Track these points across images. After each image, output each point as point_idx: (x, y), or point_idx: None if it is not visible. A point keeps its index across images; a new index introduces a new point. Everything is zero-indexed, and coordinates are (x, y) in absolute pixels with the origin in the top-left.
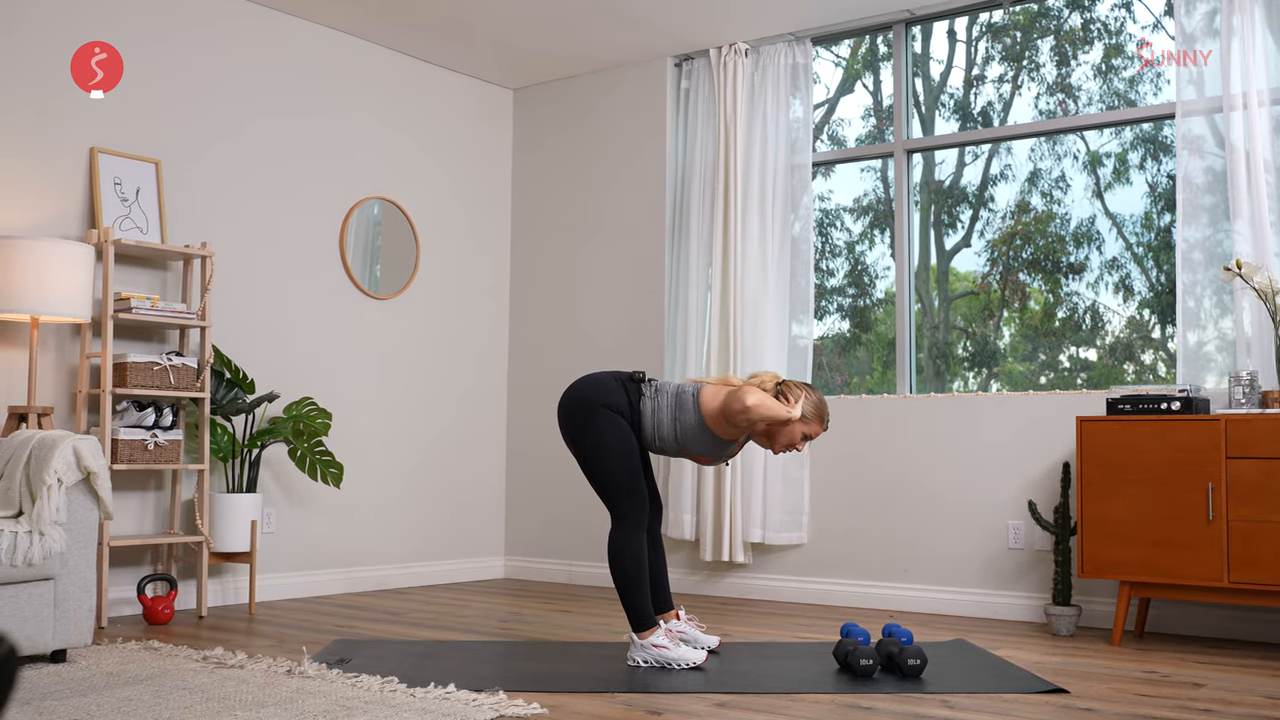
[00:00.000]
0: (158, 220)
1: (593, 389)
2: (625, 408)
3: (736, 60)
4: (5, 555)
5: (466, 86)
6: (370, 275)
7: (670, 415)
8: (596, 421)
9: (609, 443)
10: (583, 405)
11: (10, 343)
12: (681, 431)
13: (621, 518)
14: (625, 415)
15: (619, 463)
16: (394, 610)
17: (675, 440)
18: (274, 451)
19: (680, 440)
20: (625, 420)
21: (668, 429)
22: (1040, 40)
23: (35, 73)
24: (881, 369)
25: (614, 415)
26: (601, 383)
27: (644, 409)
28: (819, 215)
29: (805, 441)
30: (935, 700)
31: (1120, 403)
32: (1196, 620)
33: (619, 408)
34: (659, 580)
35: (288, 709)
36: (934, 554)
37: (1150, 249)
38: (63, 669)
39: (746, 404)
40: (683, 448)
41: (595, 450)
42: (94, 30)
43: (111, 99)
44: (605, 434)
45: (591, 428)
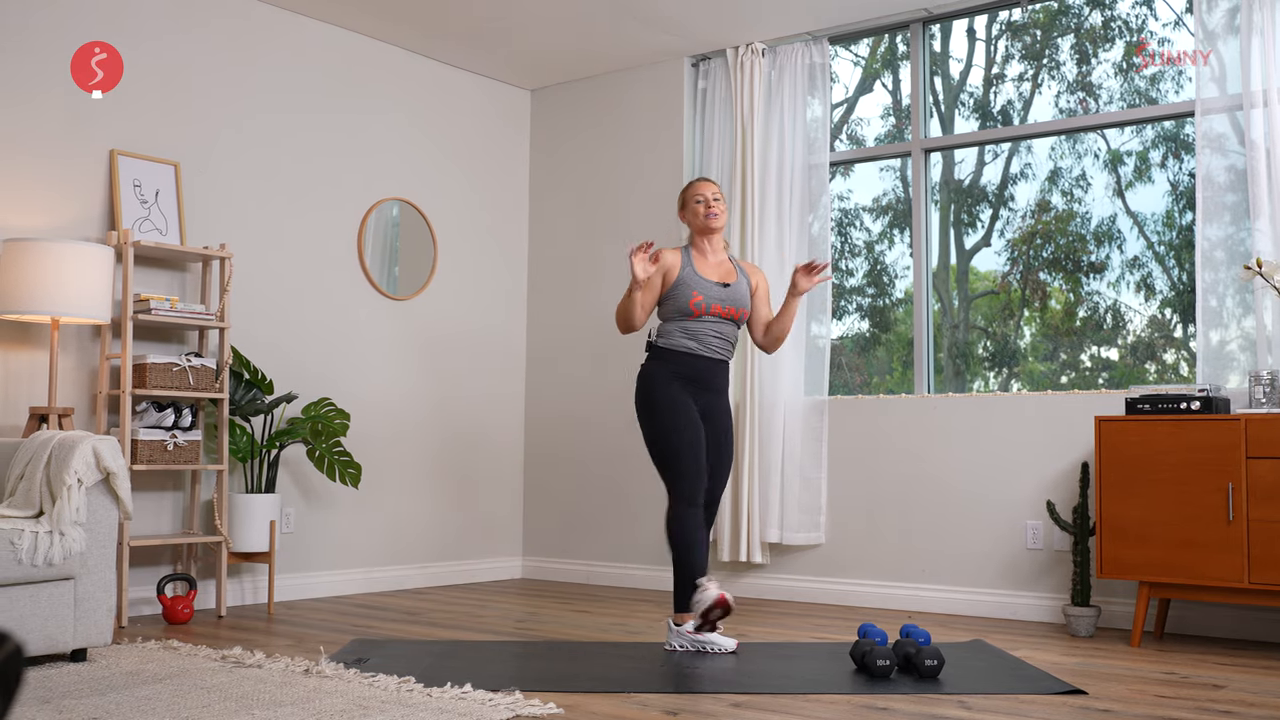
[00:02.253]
0: (177, 222)
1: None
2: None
3: (754, 60)
4: (26, 555)
5: (484, 88)
6: (388, 276)
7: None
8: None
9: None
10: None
11: (31, 344)
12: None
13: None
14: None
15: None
16: (412, 610)
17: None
18: (292, 452)
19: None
20: (668, 393)
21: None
22: (1060, 38)
23: (56, 76)
24: (901, 369)
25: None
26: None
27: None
28: (838, 215)
29: (704, 205)
30: (952, 701)
31: (1139, 402)
32: (1217, 621)
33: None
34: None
35: (305, 708)
36: (952, 554)
37: (1172, 248)
38: (83, 668)
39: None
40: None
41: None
42: (114, 33)
43: (131, 101)
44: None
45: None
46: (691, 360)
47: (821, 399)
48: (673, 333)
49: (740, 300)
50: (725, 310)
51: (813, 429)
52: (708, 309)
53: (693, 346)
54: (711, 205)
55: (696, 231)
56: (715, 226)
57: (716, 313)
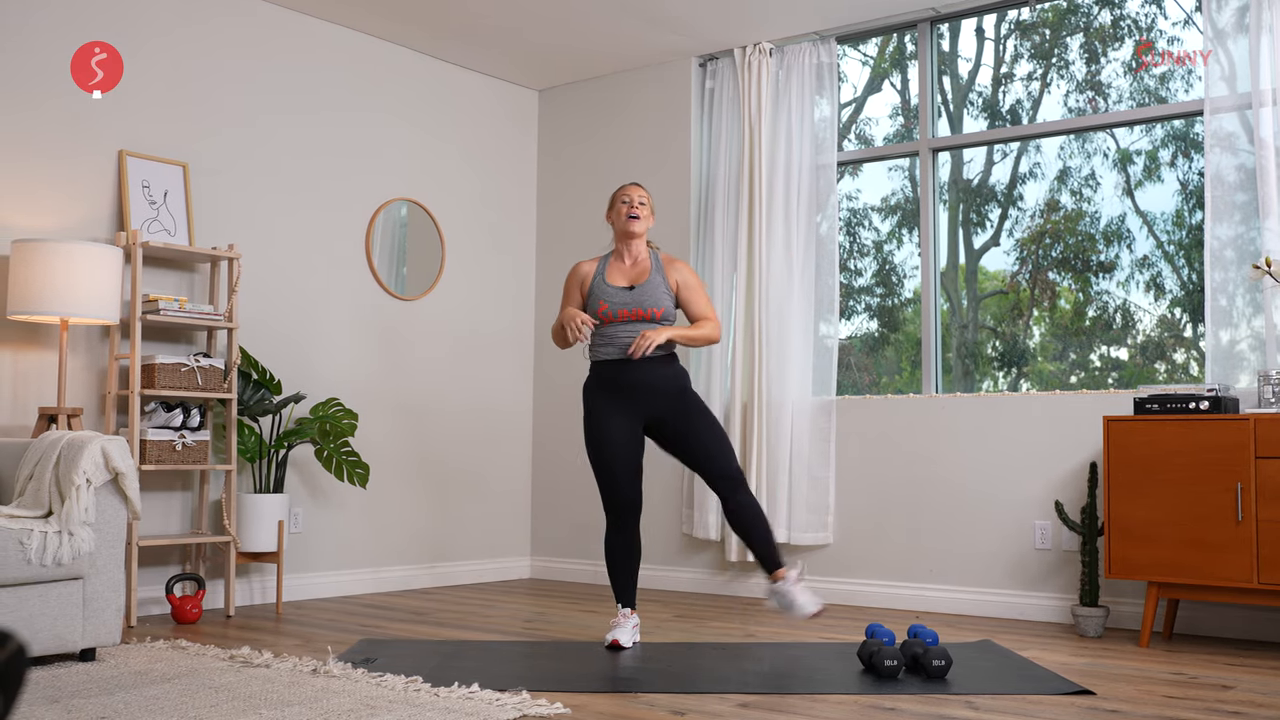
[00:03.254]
0: (185, 222)
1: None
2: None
3: (761, 60)
4: (35, 555)
5: (492, 88)
6: (396, 276)
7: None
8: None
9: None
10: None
11: (40, 344)
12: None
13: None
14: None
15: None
16: (419, 610)
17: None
18: (301, 452)
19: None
20: (593, 404)
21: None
22: (1069, 37)
23: (65, 77)
24: (910, 369)
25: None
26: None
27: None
28: (847, 215)
29: (628, 207)
30: (960, 701)
31: (1148, 402)
32: (1226, 622)
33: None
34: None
35: (312, 708)
36: (960, 554)
37: (1181, 247)
38: (91, 667)
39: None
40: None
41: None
42: (121, 34)
43: (140, 102)
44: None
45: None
46: (612, 366)
47: (829, 399)
48: (595, 342)
49: (649, 300)
50: (633, 313)
51: (820, 429)
52: (614, 314)
53: (610, 352)
54: (635, 208)
55: (617, 234)
56: (634, 231)
57: (625, 317)
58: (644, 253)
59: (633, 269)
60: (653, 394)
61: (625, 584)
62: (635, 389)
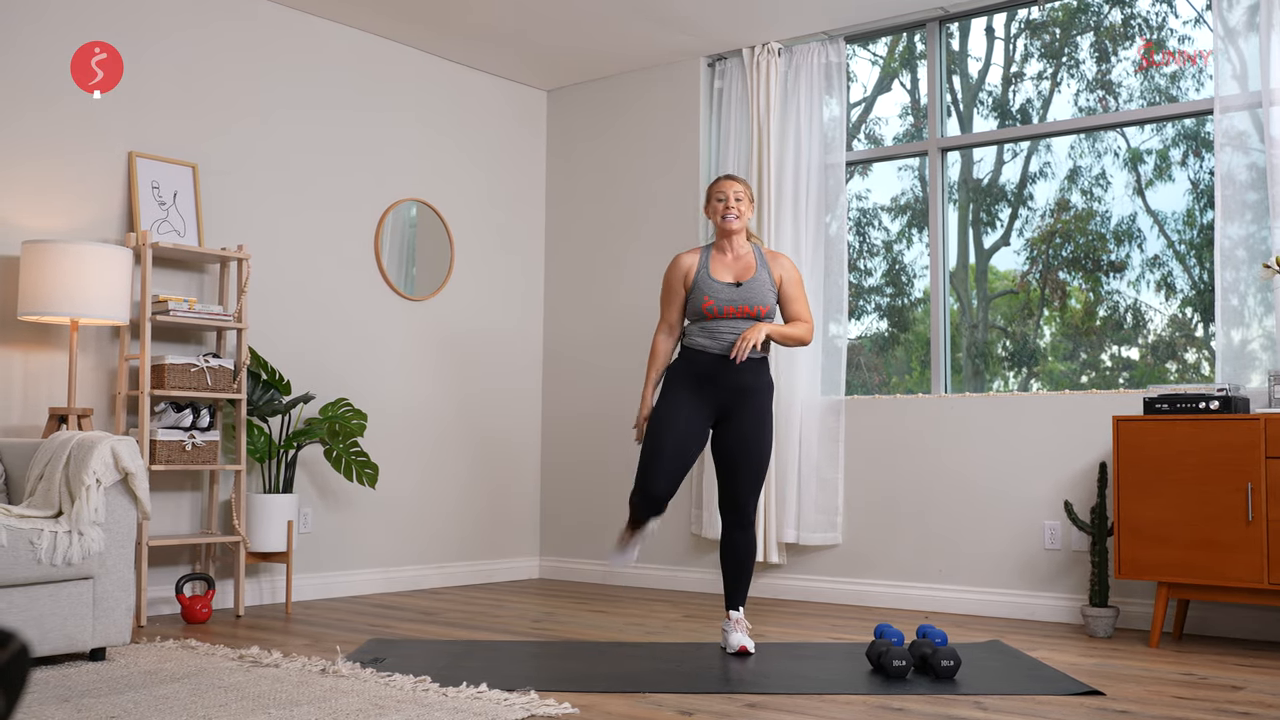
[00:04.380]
0: (195, 223)
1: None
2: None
3: (770, 60)
4: (45, 555)
5: (501, 88)
6: (405, 276)
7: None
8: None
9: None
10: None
11: (51, 345)
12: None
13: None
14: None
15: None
16: (429, 610)
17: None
18: (310, 452)
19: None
20: (671, 387)
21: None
22: (1080, 36)
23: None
24: (920, 369)
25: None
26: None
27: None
28: (856, 214)
29: (724, 205)
30: (968, 702)
31: (1158, 402)
32: (1236, 622)
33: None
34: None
35: (321, 707)
36: (969, 555)
37: (1192, 246)
38: (101, 667)
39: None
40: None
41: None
42: (131, 35)
43: (150, 104)
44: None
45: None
46: (706, 357)
47: (838, 399)
48: (692, 332)
49: (755, 298)
50: (739, 310)
51: (829, 429)
52: (720, 311)
53: (707, 344)
54: (731, 206)
55: (718, 231)
56: (732, 229)
57: (730, 313)
58: (746, 247)
59: (736, 263)
60: (740, 395)
61: (640, 523)
62: (727, 384)
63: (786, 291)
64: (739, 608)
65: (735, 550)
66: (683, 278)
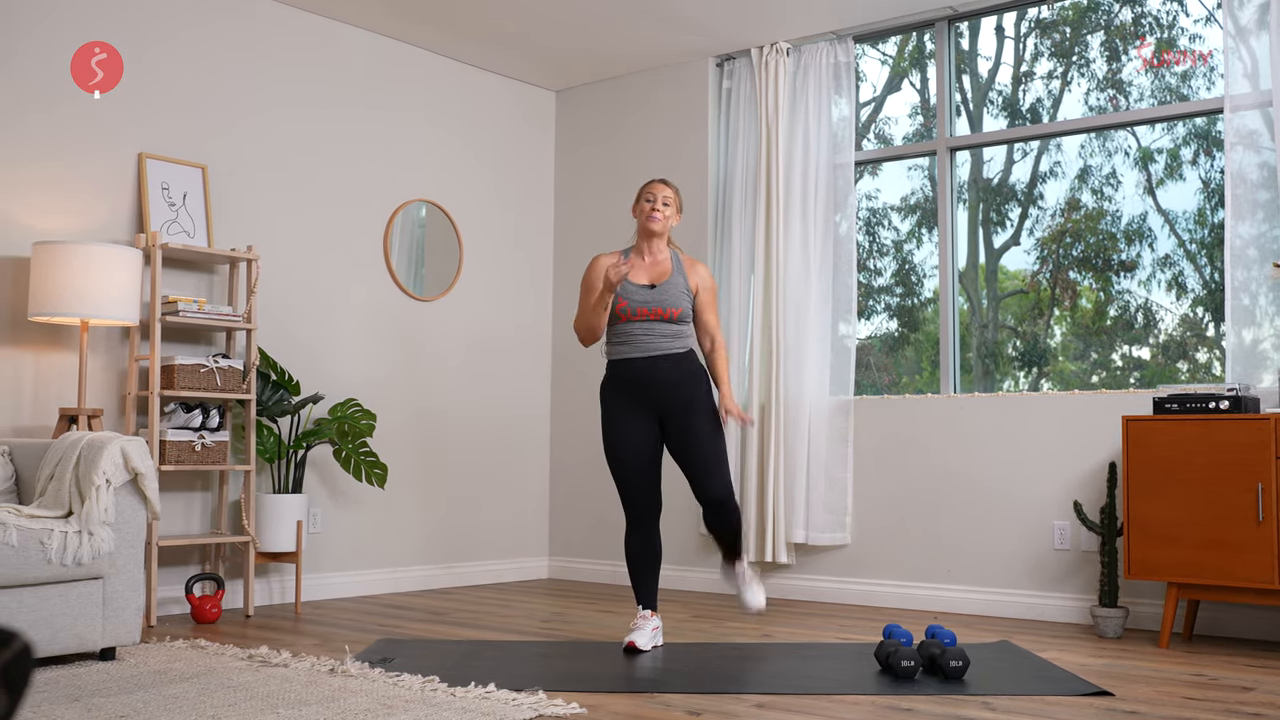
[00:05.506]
0: (204, 224)
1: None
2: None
3: (778, 60)
4: (55, 555)
5: (509, 88)
6: (414, 277)
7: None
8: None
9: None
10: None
11: (61, 346)
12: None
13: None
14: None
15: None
16: (437, 610)
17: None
18: (319, 452)
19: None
20: (608, 405)
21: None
22: (1090, 35)
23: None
24: (930, 369)
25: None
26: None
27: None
28: (866, 214)
29: (651, 205)
30: (977, 702)
31: (1167, 402)
32: (1246, 623)
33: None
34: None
35: (329, 707)
36: (978, 555)
37: (1204, 246)
38: (111, 666)
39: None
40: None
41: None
42: (141, 36)
43: (159, 105)
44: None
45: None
46: (627, 364)
47: (847, 399)
48: (610, 340)
49: (669, 300)
50: (651, 311)
51: (838, 429)
52: (633, 312)
53: (624, 350)
54: (658, 209)
55: (639, 231)
56: (655, 230)
57: (644, 315)
58: (665, 252)
59: (653, 267)
60: (667, 390)
61: (644, 585)
62: (649, 385)
63: (703, 299)
64: (741, 557)
65: (721, 519)
66: (599, 277)
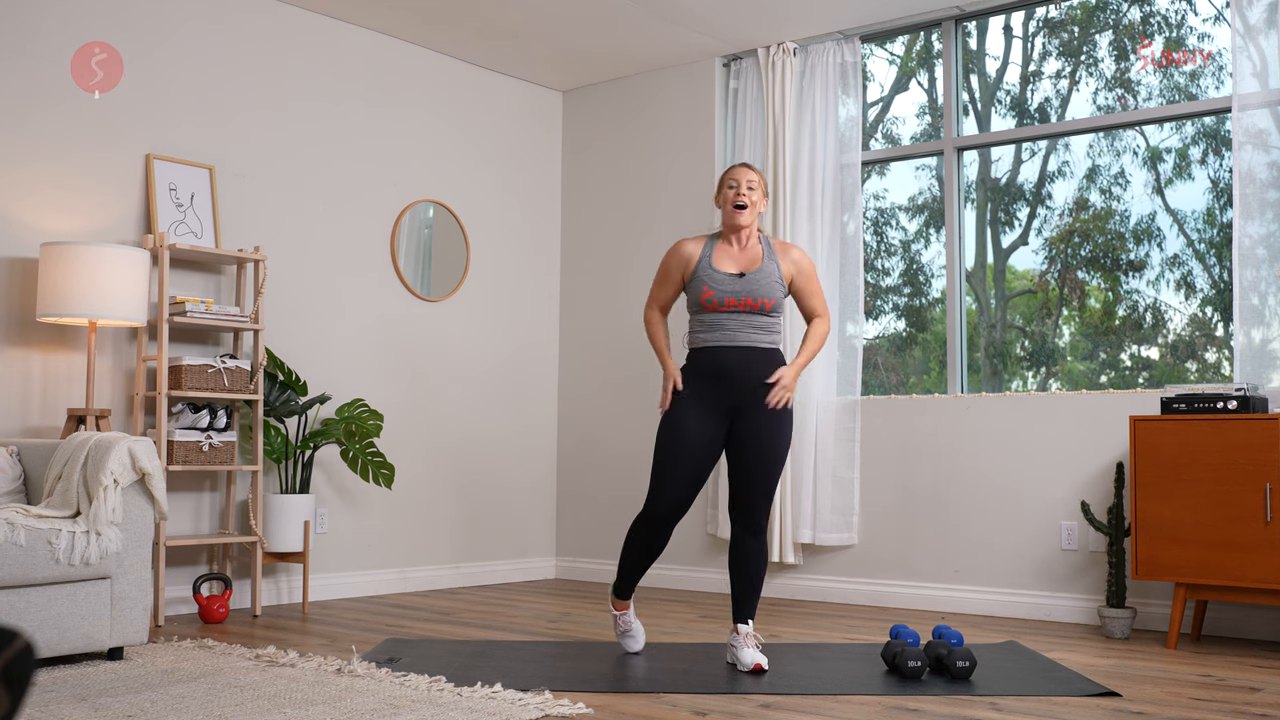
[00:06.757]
0: (212, 225)
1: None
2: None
3: (785, 60)
4: (63, 555)
5: (517, 89)
6: (421, 277)
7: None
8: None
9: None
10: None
11: (69, 346)
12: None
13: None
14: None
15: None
16: (445, 610)
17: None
18: (326, 453)
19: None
20: (681, 392)
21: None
22: (1098, 35)
23: None
24: (938, 368)
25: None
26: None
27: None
28: (874, 214)
29: (734, 193)
30: (984, 703)
31: (1175, 402)
32: (1255, 623)
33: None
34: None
35: (336, 707)
36: (986, 555)
37: (1212, 245)
38: (119, 666)
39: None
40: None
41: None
42: (148, 37)
43: (167, 106)
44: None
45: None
46: (713, 353)
47: (854, 399)
48: (694, 329)
49: (760, 290)
50: (741, 302)
51: (845, 429)
52: (720, 303)
53: (713, 338)
54: (742, 194)
55: (724, 222)
56: (739, 223)
57: (731, 305)
58: (754, 238)
59: (742, 254)
60: (752, 385)
61: (633, 578)
62: (734, 377)
63: (800, 285)
64: (748, 621)
65: (747, 560)
66: (682, 266)
